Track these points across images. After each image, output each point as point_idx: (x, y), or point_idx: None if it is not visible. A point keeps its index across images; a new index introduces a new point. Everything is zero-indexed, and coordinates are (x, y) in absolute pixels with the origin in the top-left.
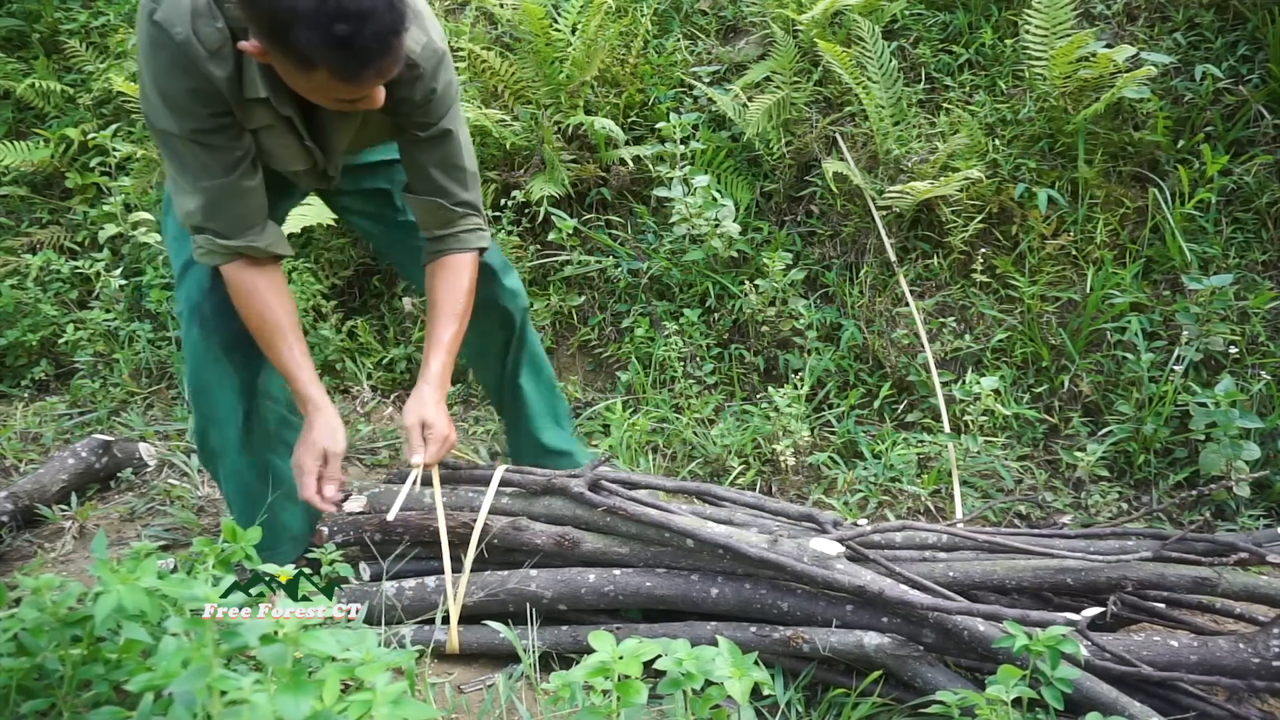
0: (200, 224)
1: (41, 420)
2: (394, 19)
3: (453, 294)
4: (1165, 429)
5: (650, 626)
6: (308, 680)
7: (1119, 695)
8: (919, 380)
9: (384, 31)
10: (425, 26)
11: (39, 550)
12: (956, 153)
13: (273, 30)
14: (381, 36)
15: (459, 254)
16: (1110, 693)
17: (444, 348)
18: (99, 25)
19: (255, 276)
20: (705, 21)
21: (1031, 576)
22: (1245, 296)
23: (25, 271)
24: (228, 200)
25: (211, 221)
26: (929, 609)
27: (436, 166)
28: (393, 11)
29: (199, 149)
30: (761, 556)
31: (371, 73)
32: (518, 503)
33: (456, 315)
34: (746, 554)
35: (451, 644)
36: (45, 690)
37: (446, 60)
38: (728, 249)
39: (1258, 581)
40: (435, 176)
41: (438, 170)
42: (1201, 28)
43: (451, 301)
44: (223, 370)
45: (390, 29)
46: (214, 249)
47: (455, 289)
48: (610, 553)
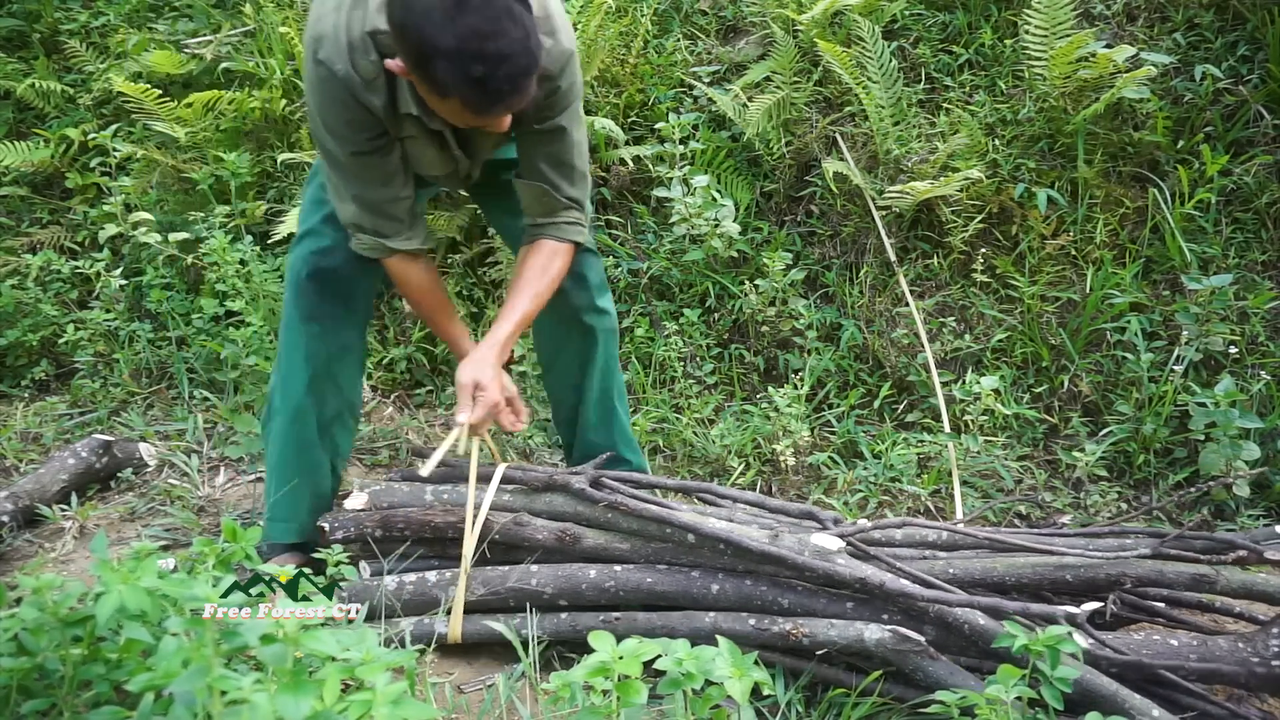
0: (361, 226)
1: (41, 420)
2: (528, 63)
3: (538, 273)
4: (1165, 429)
5: (649, 616)
6: (308, 680)
7: (1118, 688)
8: (919, 380)
9: (517, 74)
10: (555, 27)
11: (39, 550)
12: (956, 153)
13: (417, 59)
14: (514, 79)
15: (555, 240)
16: (1110, 685)
17: (515, 318)
18: (99, 25)
19: (409, 267)
20: (705, 21)
21: (1031, 573)
22: (1245, 296)
23: (25, 271)
24: (384, 207)
25: (371, 225)
26: (930, 601)
27: (546, 160)
28: (528, 56)
29: (358, 166)
30: (763, 550)
31: (501, 109)
32: (519, 499)
33: (536, 294)
34: (749, 548)
35: (454, 634)
36: (45, 690)
37: (573, 61)
38: (728, 249)
39: (1255, 579)
40: (544, 169)
41: (546, 164)
42: (1201, 28)
43: (535, 280)
44: (299, 336)
45: (524, 71)
46: (375, 247)
47: (541, 270)
48: (611, 548)
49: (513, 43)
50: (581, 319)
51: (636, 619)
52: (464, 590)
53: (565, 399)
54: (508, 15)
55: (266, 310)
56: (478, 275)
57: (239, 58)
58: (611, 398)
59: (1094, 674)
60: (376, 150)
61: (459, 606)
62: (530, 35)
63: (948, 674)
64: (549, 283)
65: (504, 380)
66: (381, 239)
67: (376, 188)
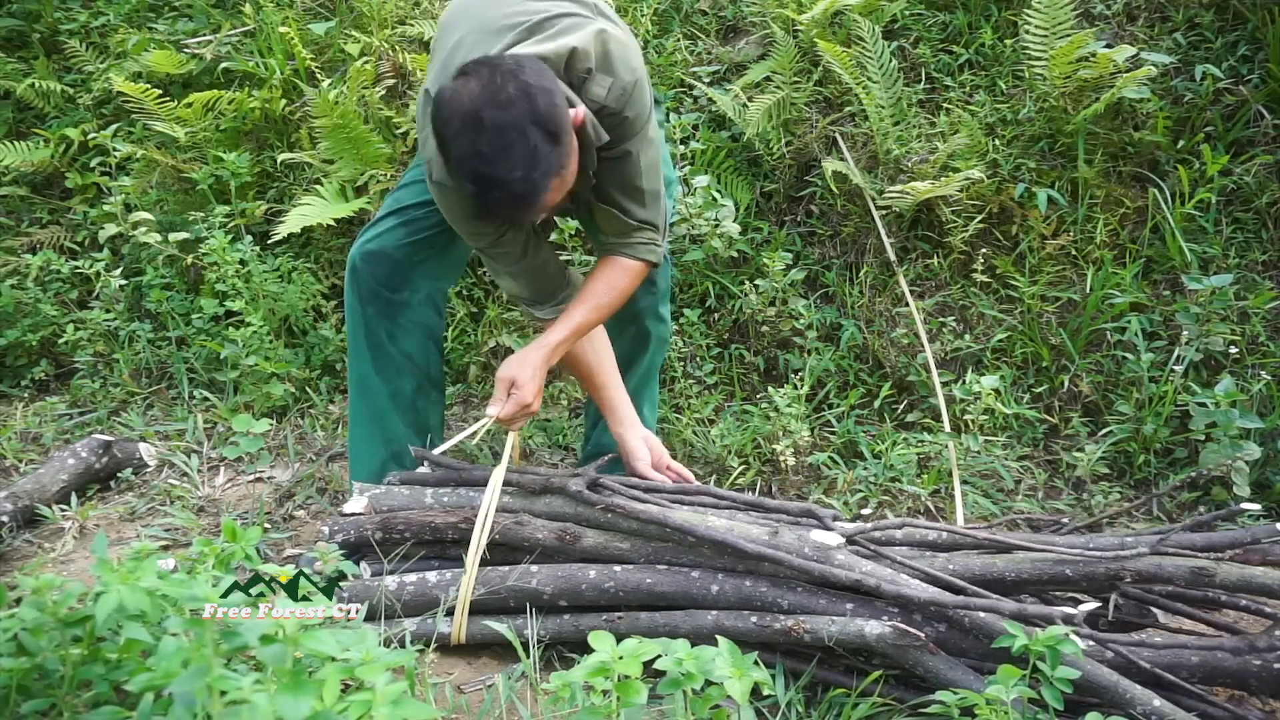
0: (520, 298)
1: (41, 420)
2: (525, 192)
3: (605, 287)
4: (1165, 429)
5: (652, 616)
6: (308, 680)
7: (1119, 679)
8: (919, 380)
9: (509, 201)
10: (612, 66)
11: (39, 550)
12: (956, 153)
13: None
14: (504, 205)
15: (627, 259)
16: (1110, 676)
17: (573, 325)
18: (99, 25)
19: None
20: (705, 21)
21: (1031, 569)
22: (1245, 296)
23: (25, 271)
24: (530, 275)
25: (532, 299)
26: (926, 602)
27: (615, 185)
28: (526, 186)
29: (496, 251)
30: (759, 552)
31: (499, 221)
32: (518, 501)
33: (600, 307)
34: (744, 549)
35: (457, 634)
36: (45, 690)
37: (637, 91)
38: (728, 249)
39: (1254, 573)
40: (614, 194)
41: (616, 189)
42: (1201, 28)
43: (602, 292)
44: (358, 318)
45: (521, 199)
46: (535, 317)
47: (609, 284)
48: (611, 548)
49: (511, 172)
50: (642, 321)
51: (639, 619)
52: (470, 585)
53: None
54: (519, 145)
55: (266, 310)
56: (477, 275)
57: (239, 57)
58: (642, 404)
59: (1094, 665)
60: (502, 235)
61: (463, 606)
62: (537, 167)
63: (947, 669)
64: (614, 298)
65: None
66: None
67: (516, 261)
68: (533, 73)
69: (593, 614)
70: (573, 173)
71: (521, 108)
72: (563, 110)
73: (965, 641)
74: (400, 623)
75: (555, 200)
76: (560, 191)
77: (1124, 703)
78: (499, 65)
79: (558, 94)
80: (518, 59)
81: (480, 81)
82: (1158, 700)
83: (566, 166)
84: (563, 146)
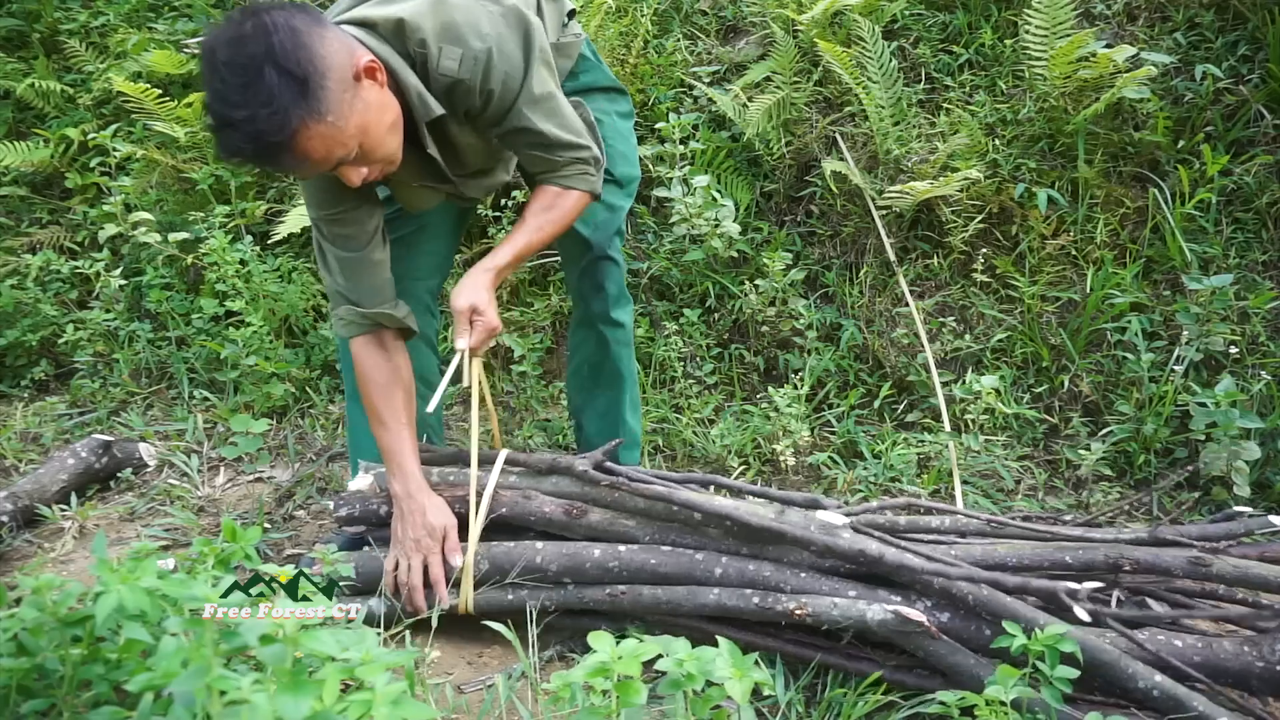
0: (341, 293)
1: (41, 420)
2: (261, 130)
3: (539, 210)
4: (1165, 429)
5: (654, 591)
6: (308, 680)
7: (1120, 655)
8: (919, 380)
9: (243, 141)
10: (460, 37)
11: (39, 550)
12: (956, 153)
13: None
14: (238, 144)
15: (559, 187)
16: (1112, 652)
17: (515, 248)
18: (99, 25)
19: (376, 356)
20: (705, 21)
21: (1032, 554)
22: (1245, 296)
23: (25, 271)
24: (360, 271)
25: (350, 292)
26: (931, 574)
27: (528, 149)
28: (261, 122)
29: (336, 232)
30: (765, 525)
31: (253, 166)
32: (525, 480)
33: (538, 228)
34: (749, 522)
35: (464, 605)
36: (45, 690)
37: (494, 57)
38: (728, 249)
39: (1250, 565)
40: (531, 155)
41: (532, 151)
42: (1201, 28)
43: (536, 216)
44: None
45: (254, 138)
46: (352, 319)
47: (544, 207)
48: (617, 525)
49: (238, 110)
50: (597, 327)
51: (641, 593)
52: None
53: (574, 399)
54: (254, 84)
55: (266, 310)
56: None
57: None
58: (621, 408)
59: (1094, 642)
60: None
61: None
62: (271, 105)
63: (949, 653)
64: (553, 219)
65: (494, 304)
66: (359, 308)
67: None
68: (285, 13)
69: (597, 589)
70: (358, 125)
71: (256, 46)
72: (313, 51)
73: (968, 631)
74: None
75: (318, 151)
76: (327, 143)
77: (1126, 678)
78: (252, 6)
79: (309, 34)
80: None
81: (228, 22)
82: (1159, 675)
83: (330, 114)
84: (313, 89)
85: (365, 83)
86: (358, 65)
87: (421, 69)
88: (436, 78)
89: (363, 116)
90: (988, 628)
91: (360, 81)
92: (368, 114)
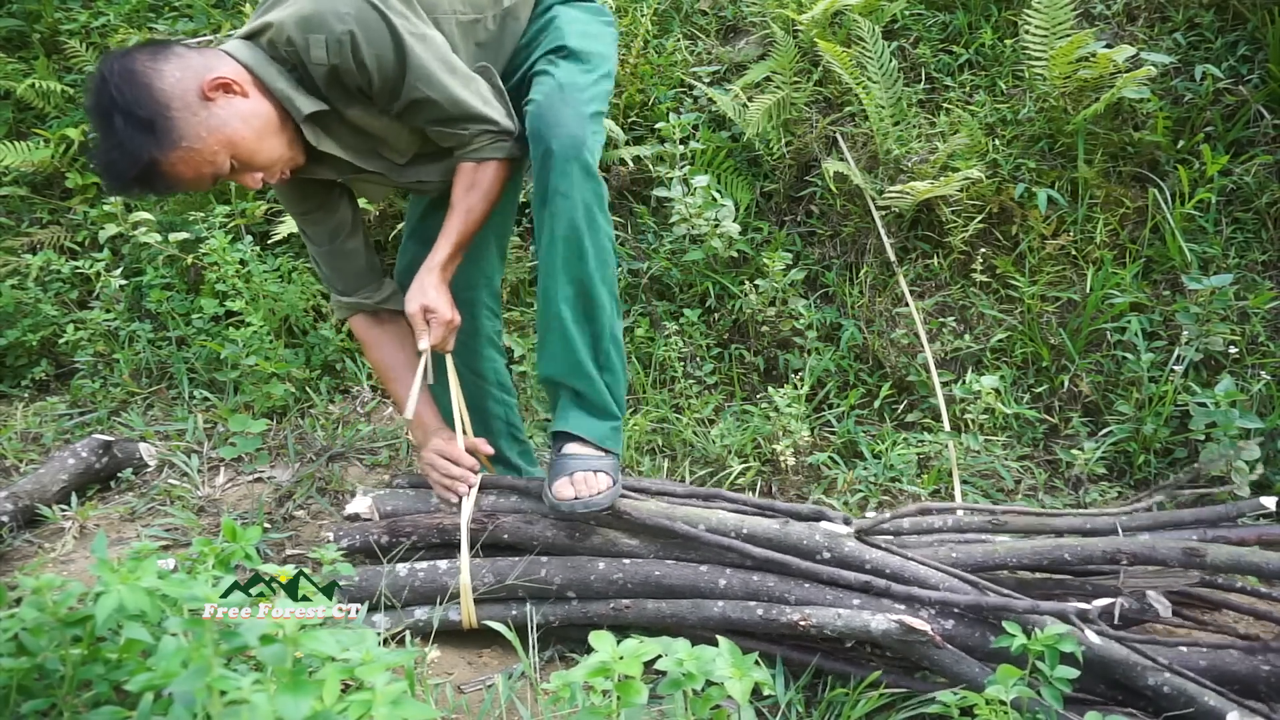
0: (327, 280)
1: (41, 420)
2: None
3: (463, 193)
4: (1165, 429)
5: (658, 604)
6: (308, 680)
7: (1129, 653)
8: (919, 380)
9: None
10: (321, 23)
11: (39, 550)
12: (956, 153)
13: None
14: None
15: (474, 161)
16: (1122, 650)
17: (452, 239)
18: (99, 25)
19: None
20: (705, 21)
21: (1030, 553)
22: (1245, 296)
23: (25, 271)
24: (336, 261)
25: (332, 280)
26: (936, 603)
27: (433, 122)
28: (120, 167)
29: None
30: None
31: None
32: (527, 502)
33: (466, 211)
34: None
35: (468, 619)
36: (45, 690)
37: (358, 35)
38: (728, 249)
39: (1243, 553)
40: (436, 131)
41: (437, 126)
42: (1201, 28)
43: (461, 200)
44: None
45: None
46: (340, 303)
47: (465, 189)
48: (620, 543)
49: (104, 156)
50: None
51: (646, 606)
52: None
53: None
54: (105, 132)
55: (266, 310)
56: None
57: None
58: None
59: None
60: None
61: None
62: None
63: (954, 662)
64: (479, 196)
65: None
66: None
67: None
68: (122, 60)
69: (600, 600)
70: (219, 140)
71: (102, 97)
72: (150, 90)
73: (972, 639)
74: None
75: (188, 174)
76: (192, 164)
77: (1136, 675)
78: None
79: (145, 74)
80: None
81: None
82: (1167, 672)
83: (184, 140)
84: (159, 125)
85: (219, 99)
86: (203, 86)
87: (301, 66)
88: (314, 68)
89: (222, 131)
90: (992, 634)
91: (212, 100)
92: (227, 128)
